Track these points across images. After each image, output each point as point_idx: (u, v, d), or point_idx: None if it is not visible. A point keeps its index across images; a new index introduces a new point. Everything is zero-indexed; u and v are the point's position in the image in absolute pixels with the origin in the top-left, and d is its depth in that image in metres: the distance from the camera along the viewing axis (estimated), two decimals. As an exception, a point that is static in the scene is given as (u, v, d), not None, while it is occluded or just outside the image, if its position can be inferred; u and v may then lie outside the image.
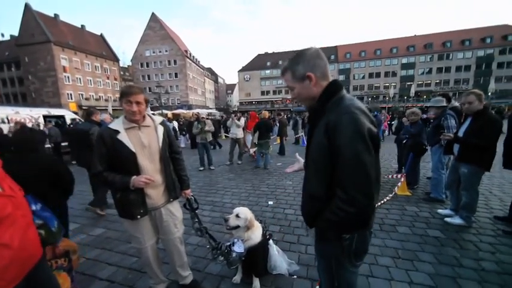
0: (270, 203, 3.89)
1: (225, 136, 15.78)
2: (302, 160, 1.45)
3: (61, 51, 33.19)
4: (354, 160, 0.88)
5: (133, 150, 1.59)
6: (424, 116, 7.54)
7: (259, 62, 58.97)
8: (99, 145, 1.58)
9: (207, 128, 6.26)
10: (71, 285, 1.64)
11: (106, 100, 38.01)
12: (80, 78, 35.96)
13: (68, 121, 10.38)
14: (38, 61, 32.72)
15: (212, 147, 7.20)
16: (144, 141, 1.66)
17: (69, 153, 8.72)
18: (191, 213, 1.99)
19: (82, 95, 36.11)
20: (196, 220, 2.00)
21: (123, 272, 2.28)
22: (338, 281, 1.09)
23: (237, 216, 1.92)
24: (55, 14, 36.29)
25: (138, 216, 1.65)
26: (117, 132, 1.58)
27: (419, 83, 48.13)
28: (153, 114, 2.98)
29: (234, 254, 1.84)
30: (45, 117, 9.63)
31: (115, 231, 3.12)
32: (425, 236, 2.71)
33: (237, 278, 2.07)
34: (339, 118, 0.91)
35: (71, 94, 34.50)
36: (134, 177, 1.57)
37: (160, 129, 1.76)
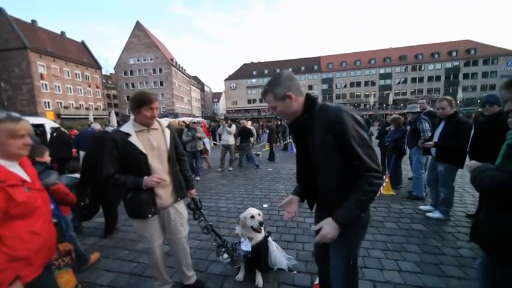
0: (265, 206, 3.99)
1: (214, 144, 15.76)
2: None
3: (38, 58, 31.70)
4: (364, 141, 1.11)
5: (144, 151, 1.67)
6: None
7: (245, 71, 60.01)
8: (111, 148, 1.64)
9: (198, 134, 6.19)
10: (77, 281, 1.69)
11: (87, 108, 36.54)
12: (58, 86, 34.37)
13: (48, 130, 9.87)
14: (12, 68, 30.93)
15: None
16: (154, 143, 1.75)
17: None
18: (196, 212, 2.06)
19: (61, 103, 34.42)
20: (202, 219, 2.07)
21: (124, 277, 2.27)
22: (354, 257, 1.26)
23: (259, 215, 2.05)
24: (32, 20, 34.88)
25: (149, 215, 1.71)
26: (129, 135, 1.66)
27: (396, 91, 51.32)
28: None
29: (241, 253, 1.93)
30: (23, 126, 9.14)
31: (109, 239, 3.06)
32: (410, 230, 2.95)
33: (240, 276, 2.13)
34: (339, 117, 1.11)
35: (48, 102, 32.79)
36: (146, 177, 1.64)
37: (167, 131, 1.86)
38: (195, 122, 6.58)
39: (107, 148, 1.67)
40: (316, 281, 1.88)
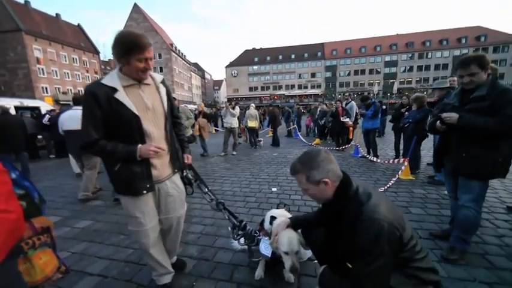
0: (274, 189, 3.67)
1: (215, 130, 15.37)
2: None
3: (33, 41, 30.63)
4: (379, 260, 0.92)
5: (137, 112, 1.29)
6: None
7: (247, 58, 58.44)
8: (93, 106, 1.24)
9: (186, 123, 5.30)
10: (59, 262, 1.37)
11: (85, 95, 35.86)
12: (55, 71, 33.48)
13: (44, 113, 9.49)
14: (6, 51, 29.96)
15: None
16: (148, 102, 1.37)
17: (45, 147, 8.00)
18: (198, 182, 1.73)
19: (59, 88, 33.70)
20: (207, 191, 1.74)
21: (118, 265, 1.97)
22: None
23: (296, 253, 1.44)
24: (26, 1, 33.42)
25: (144, 191, 1.38)
26: (115, 90, 1.26)
27: (401, 80, 50.03)
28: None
29: (261, 254, 1.60)
30: (17, 108, 8.75)
31: (104, 223, 2.76)
32: (440, 216, 2.63)
33: (260, 273, 1.73)
34: (365, 224, 0.95)
35: (46, 88, 32.06)
36: (140, 145, 1.31)
37: (163, 89, 1.49)
38: (174, 98, 5.84)
39: (85, 107, 1.27)
40: None
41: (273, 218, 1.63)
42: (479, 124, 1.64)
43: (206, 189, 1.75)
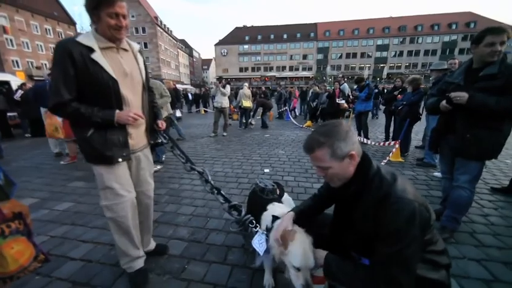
0: (266, 170, 3.61)
1: (204, 111, 14.93)
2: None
3: (-3, 7, 27.37)
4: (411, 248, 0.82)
5: (115, 76, 1.18)
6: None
7: (237, 36, 55.82)
8: (66, 64, 1.11)
9: (160, 101, 4.02)
10: (36, 250, 1.23)
11: (62, 70, 33.24)
12: (26, 43, 30.39)
13: (15, 88, 8.67)
14: (-34, 18, 26.69)
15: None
16: (126, 68, 1.27)
17: (19, 125, 7.41)
18: (172, 148, 1.61)
19: (32, 62, 30.87)
20: (179, 153, 1.61)
21: (102, 249, 1.85)
22: None
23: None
24: (-16, -42, 29.22)
25: (120, 159, 1.30)
26: (91, 50, 1.14)
27: (391, 65, 50.21)
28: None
29: (252, 247, 1.32)
30: (-18, 82, 7.90)
31: (87, 205, 2.59)
32: (429, 197, 2.68)
33: (269, 282, 1.42)
34: (394, 203, 0.84)
35: (17, 61, 29.24)
36: (118, 111, 1.22)
37: (140, 57, 1.42)
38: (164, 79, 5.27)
39: (57, 64, 1.14)
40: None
41: (275, 218, 1.26)
42: (492, 104, 1.53)
43: (179, 152, 1.61)
